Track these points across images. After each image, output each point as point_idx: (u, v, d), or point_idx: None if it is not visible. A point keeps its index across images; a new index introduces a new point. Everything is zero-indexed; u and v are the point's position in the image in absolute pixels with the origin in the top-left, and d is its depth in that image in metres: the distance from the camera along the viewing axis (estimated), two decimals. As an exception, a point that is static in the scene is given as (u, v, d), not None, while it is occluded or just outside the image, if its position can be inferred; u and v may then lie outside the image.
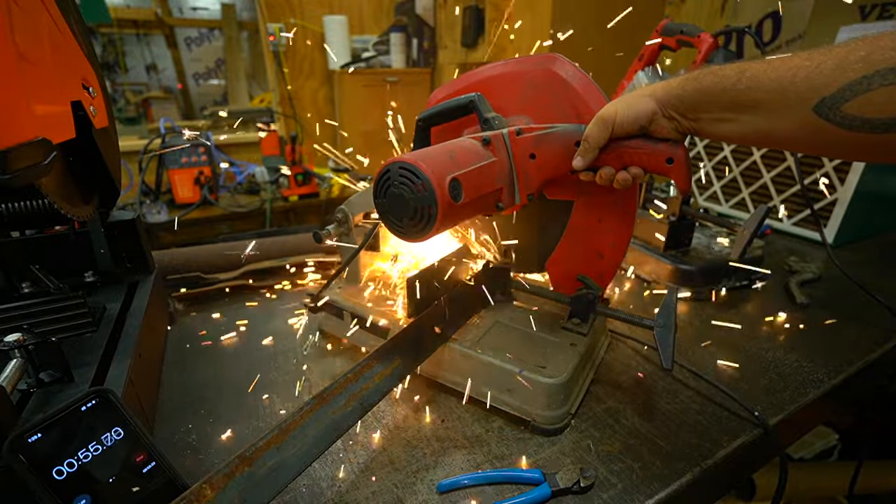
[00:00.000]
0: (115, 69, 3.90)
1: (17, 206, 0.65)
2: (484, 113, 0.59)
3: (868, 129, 0.36)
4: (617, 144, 0.52)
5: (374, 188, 0.52)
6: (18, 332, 0.48)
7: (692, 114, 0.47)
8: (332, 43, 2.85)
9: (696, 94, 0.46)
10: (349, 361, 0.73)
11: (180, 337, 0.80)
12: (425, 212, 0.49)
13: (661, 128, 0.49)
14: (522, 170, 0.57)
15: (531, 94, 0.61)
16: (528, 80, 0.61)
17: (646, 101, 0.49)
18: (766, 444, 0.58)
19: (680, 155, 0.50)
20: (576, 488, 0.49)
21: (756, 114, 0.42)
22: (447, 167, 0.49)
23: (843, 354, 0.72)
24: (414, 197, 0.48)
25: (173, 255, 0.93)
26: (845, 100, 0.36)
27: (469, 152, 0.53)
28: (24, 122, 0.41)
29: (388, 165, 0.50)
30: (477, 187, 0.52)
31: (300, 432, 0.44)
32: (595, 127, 0.51)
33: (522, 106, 0.62)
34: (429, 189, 0.47)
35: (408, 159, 0.48)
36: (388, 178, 0.50)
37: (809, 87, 0.38)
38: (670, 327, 0.55)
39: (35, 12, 0.46)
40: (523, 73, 0.61)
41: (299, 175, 2.09)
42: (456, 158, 0.51)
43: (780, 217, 1.22)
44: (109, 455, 0.40)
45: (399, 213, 0.50)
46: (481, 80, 0.64)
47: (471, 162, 0.52)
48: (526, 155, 0.56)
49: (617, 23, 0.89)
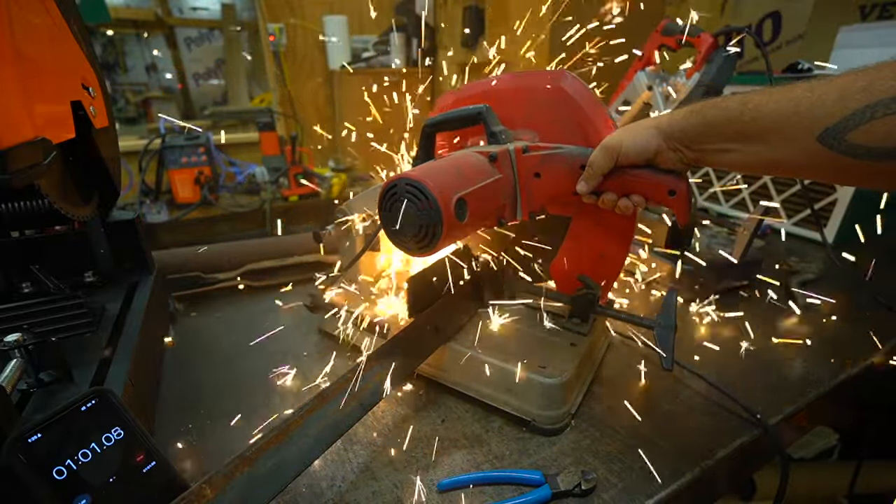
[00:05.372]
0: (115, 69, 3.90)
1: (17, 206, 0.65)
2: (492, 126, 0.59)
3: (874, 158, 0.37)
4: (621, 172, 0.52)
5: (379, 201, 0.52)
6: (18, 332, 0.48)
7: (697, 145, 0.48)
8: (331, 43, 2.85)
9: (700, 126, 0.46)
10: (349, 361, 0.73)
11: (180, 337, 0.80)
12: (430, 230, 0.49)
13: (666, 160, 0.50)
14: (526, 187, 0.58)
15: (539, 109, 0.61)
16: (537, 96, 0.61)
17: (651, 135, 0.50)
18: (766, 444, 0.58)
19: (682, 188, 0.50)
20: (577, 491, 0.49)
21: (761, 144, 0.43)
22: (454, 186, 0.50)
23: (843, 354, 0.72)
24: (419, 214, 0.49)
25: (173, 255, 0.93)
26: (849, 129, 0.37)
27: (475, 169, 0.54)
28: (24, 122, 0.41)
29: (395, 180, 0.50)
30: (481, 205, 0.53)
31: (300, 432, 0.44)
32: (600, 154, 0.52)
33: (529, 121, 0.62)
34: (435, 208, 0.48)
35: (415, 176, 0.48)
36: (394, 193, 0.50)
37: (813, 117, 0.39)
38: (670, 327, 0.55)
39: (35, 12, 0.46)
40: (533, 88, 0.61)
41: (299, 175, 2.09)
42: (463, 175, 0.51)
43: (780, 217, 1.22)
44: (109, 455, 0.40)
45: (404, 228, 0.51)
46: (491, 91, 0.64)
47: (477, 179, 0.53)
48: (531, 173, 0.57)
49: (617, 22, 0.89)
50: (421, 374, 0.66)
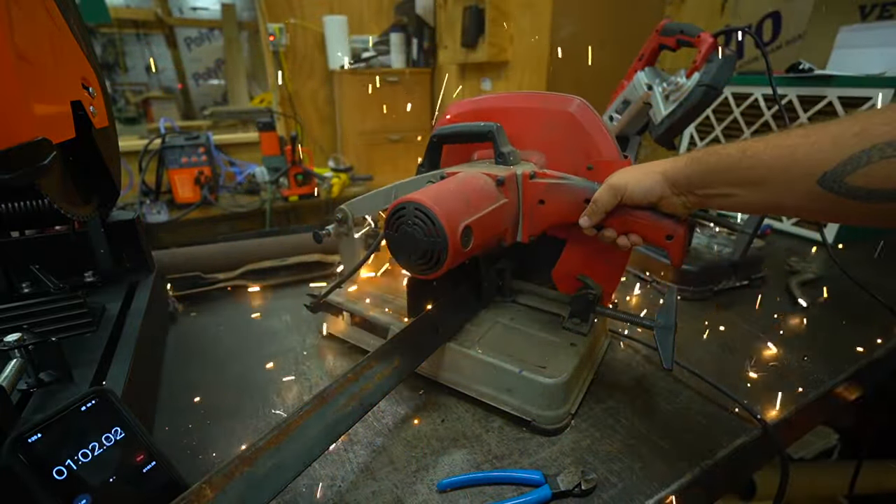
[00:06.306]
0: (115, 69, 3.90)
1: (17, 206, 0.65)
2: (501, 146, 0.60)
3: (875, 200, 0.37)
4: (623, 211, 0.53)
5: (386, 220, 0.53)
6: (18, 332, 0.48)
7: (700, 190, 0.49)
8: (331, 43, 2.85)
9: (702, 173, 0.48)
10: (349, 361, 0.73)
11: (180, 337, 0.80)
12: (435, 255, 0.50)
13: (670, 204, 0.51)
14: (529, 213, 0.59)
15: (548, 132, 0.63)
16: (547, 119, 0.63)
17: (656, 180, 0.51)
18: (766, 444, 0.58)
19: (680, 233, 0.51)
20: (577, 491, 0.49)
21: (762, 189, 0.44)
22: (461, 213, 0.51)
23: (843, 354, 0.72)
24: (426, 239, 0.50)
25: (173, 255, 0.93)
26: (846, 173, 0.38)
27: (482, 194, 0.55)
28: (24, 122, 0.41)
29: (403, 202, 0.51)
30: (485, 232, 0.54)
31: (300, 432, 0.44)
32: (606, 193, 0.53)
33: (538, 141, 0.63)
34: (441, 235, 0.49)
35: (425, 202, 0.49)
36: (402, 216, 0.51)
37: (810, 162, 0.40)
38: (670, 327, 0.55)
39: (35, 12, 0.46)
40: (544, 111, 0.63)
41: (299, 175, 2.09)
42: (470, 203, 0.52)
43: (779, 217, 1.22)
44: (109, 455, 0.40)
45: (408, 250, 0.52)
46: (502, 109, 0.65)
47: (483, 206, 0.54)
48: (535, 199, 0.58)
49: (617, 22, 0.89)
50: (421, 374, 0.66)
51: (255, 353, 0.75)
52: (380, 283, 0.78)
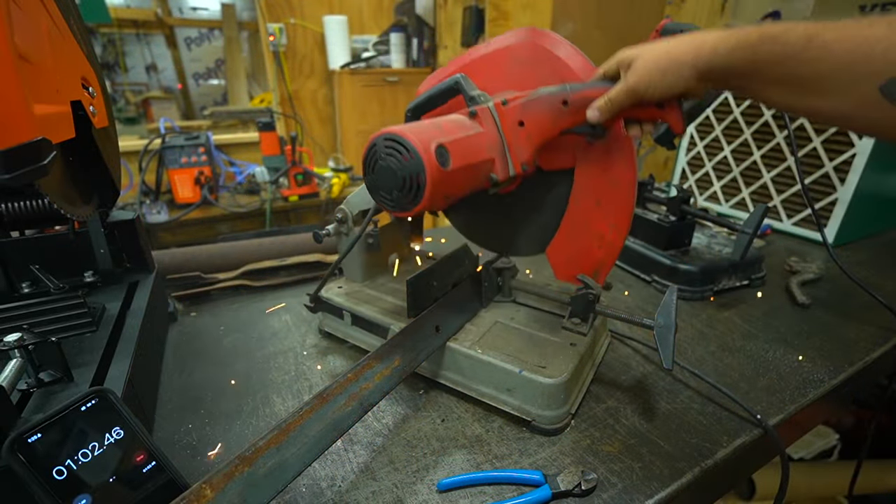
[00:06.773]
0: (115, 69, 3.91)
1: (17, 206, 0.65)
2: (469, 91, 0.58)
3: None
4: None
5: (363, 166, 0.52)
6: (18, 332, 0.48)
7: (737, 81, 0.43)
8: (331, 43, 2.85)
9: (748, 65, 0.41)
10: (349, 361, 0.73)
11: (180, 337, 0.80)
12: (414, 180, 0.48)
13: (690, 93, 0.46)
14: (513, 139, 0.57)
15: (516, 69, 0.61)
16: (512, 56, 0.61)
17: (683, 74, 0.45)
18: (766, 444, 0.58)
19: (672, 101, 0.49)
20: (577, 491, 0.49)
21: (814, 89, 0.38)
22: (433, 135, 0.49)
23: (843, 354, 0.72)
24: (401, 167, 0.48)
25: (173, 255, 0.93)
26: None
27: (456, 124, 0.53)
28: (24, 122, 0.41)
29: (374, 140, 0.49)
30: (465, 155, 0.52)
31: (300, 432, 0.44)
32: (624, 96, 0.48)
33: (508, 83, 0.61)
34: (415, 156, 0.47)
35: (393, 130, 0.48)
36: (374, 153, 0.50)
37: (886, 61, 0.34)
38: (670, 327, 0.55)
39: (35, 12, 0.46)
40: (506, 49, 0.61)
41: (299, 175, 2.09)
42: (443, 128, 0.51)
43: (780, 217, 1.22)
44: (109, 455, 0.40)
45: (388, 185, 0.50)
46: (466, 64, 0.64)
47: (458, 132, 0.52)
48: (515, 124, 0.56)
49: (617, 22, 0.89)
50: (421, 374, 0.66)
51: (255, 353, 0.75)
52: (380, 284, 0.78)
